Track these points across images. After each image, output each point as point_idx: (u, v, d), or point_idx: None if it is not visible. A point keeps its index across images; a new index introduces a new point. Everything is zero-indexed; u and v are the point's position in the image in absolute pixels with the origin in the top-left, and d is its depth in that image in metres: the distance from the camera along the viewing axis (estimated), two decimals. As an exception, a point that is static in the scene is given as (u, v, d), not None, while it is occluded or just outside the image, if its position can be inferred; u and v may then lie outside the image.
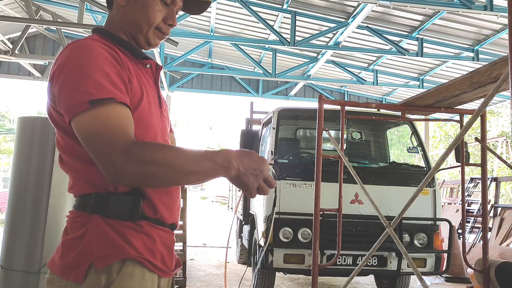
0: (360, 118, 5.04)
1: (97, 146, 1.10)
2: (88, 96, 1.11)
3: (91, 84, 1.12)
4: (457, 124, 5.94)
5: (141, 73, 1.32)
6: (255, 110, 8.05)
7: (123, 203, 1.20)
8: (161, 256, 1.27)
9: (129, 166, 1.09)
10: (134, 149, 1.09)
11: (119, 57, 1.23)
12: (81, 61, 1.15)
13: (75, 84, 1.13)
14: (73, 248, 1.18)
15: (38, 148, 3.83)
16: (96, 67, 1.15)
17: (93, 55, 1.17)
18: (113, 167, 1.09)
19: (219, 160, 1.15)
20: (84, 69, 1.14)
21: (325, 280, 6.46)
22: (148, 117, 1.27)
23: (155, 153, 1.11)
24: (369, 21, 8.13)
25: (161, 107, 1.37)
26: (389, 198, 4.67)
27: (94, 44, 1.20)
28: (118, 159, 1.08)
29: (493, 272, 3.48)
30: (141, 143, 1.14)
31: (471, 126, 2.69)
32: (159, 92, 1.39)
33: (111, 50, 1.22)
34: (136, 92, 1.24)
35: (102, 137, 1.10)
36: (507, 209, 8.29)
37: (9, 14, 9.55)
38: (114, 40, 1.31)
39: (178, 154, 1.14)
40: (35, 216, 3.75)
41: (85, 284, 1.15)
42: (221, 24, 9.86)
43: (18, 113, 33.07)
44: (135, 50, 1.34)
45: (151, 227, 1.25)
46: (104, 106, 1.11)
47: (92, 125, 1.10)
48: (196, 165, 1.14)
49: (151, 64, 1.37)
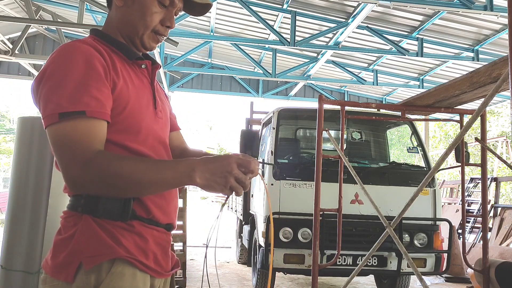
0: (360, 118, 5.04)
1: (60, 156, 1.16)
2: (59, 108, 1.14)
3: (65, 96, 1.15)
4: (457, 124, 5.94)
5: (134, 74, 1.32)
6: (255, 110, 8.05)
7: (114, 204, 1.20)
8: (154, 256, 1.27)
9: (87, 177, 1.13)
10: (94, 161, 1.13)
11: (108, 60, 1.23)
12: (60, 70, 1.17)
13: (51, 94, 1.16)
14: (63, 248, 1.19)
15: (38, 148, 3.83)
16: (74, 77, 1.16)
17: (74, 62, 1.17)
18: (71, 178, 1.15)
19: (181, 169, 1.16)
20: (61, 78, 1.16)
21: (325, 280, 6.46)
22: (137, 119, 1.26)
23: (114, 165, 1.13)
24: (369, 21, 8.13)
25: (156, 108, 1.35)
26: (389, 198, 4.67)
27: (80, 49, 1.20)
28: (77, 170, 1.13)
29: (493, 272, 3.48)
30: (103, 155, 1.16)
31: (471, 126, 2.69)
32: (155, 93, 1.37)
33: (99, 53, 1.22)
34: (123, 95, 1.23)
35: (64, 149, 1.15)
36: (507, 209, 8.29)
37: (9, 14, 9.54)
38: (109, 41, 1.32)
39: (138, 165, 1.16)
40: (35, 216, 3.75)
41: (75, 284, 1.16)
42: (221, 24, 9.86)
43: (18, 113, 33.06)
44: (128, 51, 1.33)
45: (143, 227, 1.25)
46: (72, 120, 1.14)
47: (57, 137, 1.16)
48: (156, 176, 1.15)
49: (146, 64, 1.37)
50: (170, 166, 1.17)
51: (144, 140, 1.28)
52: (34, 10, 8.85)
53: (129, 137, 1.25)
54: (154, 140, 1.31)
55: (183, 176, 1.16)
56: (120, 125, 1.23)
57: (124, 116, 1.23)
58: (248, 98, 12.23)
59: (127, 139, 1.24)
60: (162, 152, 1.35)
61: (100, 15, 9.69)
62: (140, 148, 1.26)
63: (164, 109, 1.42)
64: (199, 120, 46.29)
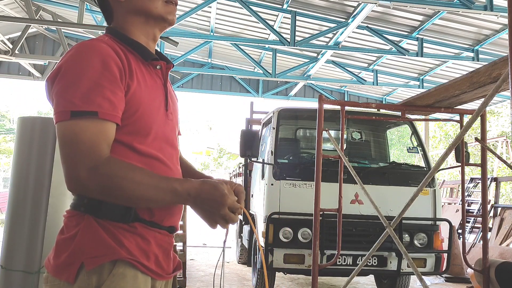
0: (360, 118, 5.04)
1: (67, 155, 1.15)
2: (72, 106, 1.14)
3: (78, 94, 1.14)
4: (457, 124, 5.94)
5: (148, 75, 1.31)
6: (255, 110, 8.05)
7: (117, 205, 1.20)
8: (155, 258, 1.27)
9: (90, 183, 1.13)
10: (99, 169, 1.13)
11: (125, 60, 1.23)
12: (76, 68, 1.17)
13: (65, 91, 1.16)
14: (66, 248, 1.19)
15: (38, 148, 3.83)
16: (89, 76, 1.15)
17: (91, 62, 1.17)
18: (76, 179, 1.14)
19: (180, 191, 1.18)
20: (77, 76, 1.16)
21: (325, 280, 6.46)
22: (148, 122, 1.26)
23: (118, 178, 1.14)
24: (369, 21, 8.13)
25: (167, 109, 1.35)
26: (389, 198, 4.67)
27: (96, 48, 1.20)
28: (83, 173, 1.13)
29: (493, 272, 3.48)
30: (109, 164, 1.15)
31: (471, 126, 2.69)
32: (168, 94, 1.36)
33: (116, 53, 1.21)
34: (135, 98, 1.23)
35: (72, 148, 1.14)
36: (507, 209, 8.29)
37: (9, 14, 9.54)
38: (125, 41, 1.31)
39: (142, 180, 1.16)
40: (35, 216, 3.75)
41: (77, 284, 1.16)
42: (221, 24, 9.86)
43: (18, 113, 33.06)
44: (144, 52, 1.32)
45: (145, 229, 1.24)
46: (84, 119, 1.14)
47: (66, 135, 1.15)
48: (156, 194, 1.18)
49: (161, 65, 1.36)
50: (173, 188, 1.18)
51: (152, 142, 1.27)
52: (34, 10, 8.86)
53: (138, 139, 1.24)
54: (163, 141, 1.31)
55: (180, 199, 1.21)
56: (131, 127, 1.23)
57: (136, 118, 1.23)
58: (248, 98, 12.23)
59: (136, 140, 1.24)
60: (171, 153, 1.34)
61: (100, 15, 9.68)
62: (148, 149, 1.26)
63: (175, 111, 1.42)
64: (199, 120, 46.31)
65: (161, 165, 1.29)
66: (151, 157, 1.27)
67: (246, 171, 6.29)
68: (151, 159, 1.27)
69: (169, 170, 1.31)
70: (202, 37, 9.72)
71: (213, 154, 36.08)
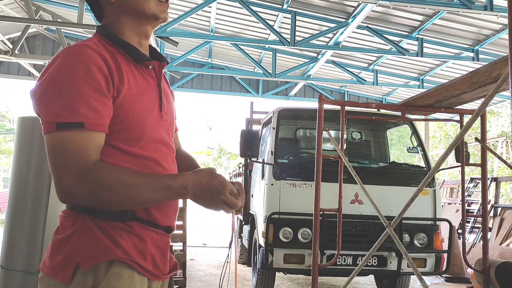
0: (360, 118, 5.04)
1: (54, 165, 1.15)
2: (58, 118, 1.13)
3: (64, 105, 1.13)
4: (457, 124, 5.94)
5: (140, 76, 1.29)
6: (255, 110, 8.04)
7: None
8: (152, 259, 1.26)
9: (79, 189, 1.12)
10: (88, 174, 1.12)
11: (113, 65, 1.20)
12: (61, 78, 1.15)
13: (50, 102, 1.14)
14: (61, 248, 1.18)
15: (38, 148, 3.83)
16: (74, 86, 1.14)
17: (77, 71, 1.15)
18: (62, 188, 1.14)
19: (175, 186, 1.18)
20: (62, 87, 1.14)
21: (325, 280, 6.46)
22: (140, 126, 1.25)
23: (110, 180, 1.13)
24: (369, 21, 8.13)
25: (161, 110, 1.32)
26: (389, 198, 4.67)
27: (83, 55, 1.17)
28: (68, 181, 1.12)
29: (493, 272, 3.48)
30: (99, 168, 1.15)
31: (471, 126, 2.69)
32: (161, 94, 1.34)
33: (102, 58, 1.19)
34: (126, 103, 1.21)
35: (59, 158, 1.14)
36: (507, 209, 8.29)
37: (9, 14, 9.54)
38: (115, 42, 1.28)
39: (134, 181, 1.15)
40: (35, 216, 3.75)
41: (72, 285, 1.15)
42: (221, 24, 9.86)
43: (18, 113, 33.06)
44: (135, 54, 1.30)
45: (142, 229, 1.24)
46: (70, 131, 1.13)
47: (53, 147, 1.14)
48: (150, 193, 1.17)
49: (153, 65, 1.33)
50: (166, 184, 1.18)
51: (146, 144, 1.26)
52: (34, 10, 8.85)
53: (131, 142, 1.23)
54: (157, 143, 1.30)
55: (176, 194, 1.20)
56: (122, 132, 1.22)
57: (127, 123, 1.22)
58: (248, 98, 12.22)
59: (128, 143, 1.23)
60: (166, 154, 1.33)
61: (100, 15, 9.67)
62: (142, 152, 1.25)
63: (170, 110, 1.39)
64: (199, 120, 46.32)
65: (156, 166, 1.28)
66: (146, 158, 1.26)
67: (246, 171, 6.29)
68: (146, 161, 1.26)
69: (164, 171, 1.30)
70: (202, 37, 9.72)
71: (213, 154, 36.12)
